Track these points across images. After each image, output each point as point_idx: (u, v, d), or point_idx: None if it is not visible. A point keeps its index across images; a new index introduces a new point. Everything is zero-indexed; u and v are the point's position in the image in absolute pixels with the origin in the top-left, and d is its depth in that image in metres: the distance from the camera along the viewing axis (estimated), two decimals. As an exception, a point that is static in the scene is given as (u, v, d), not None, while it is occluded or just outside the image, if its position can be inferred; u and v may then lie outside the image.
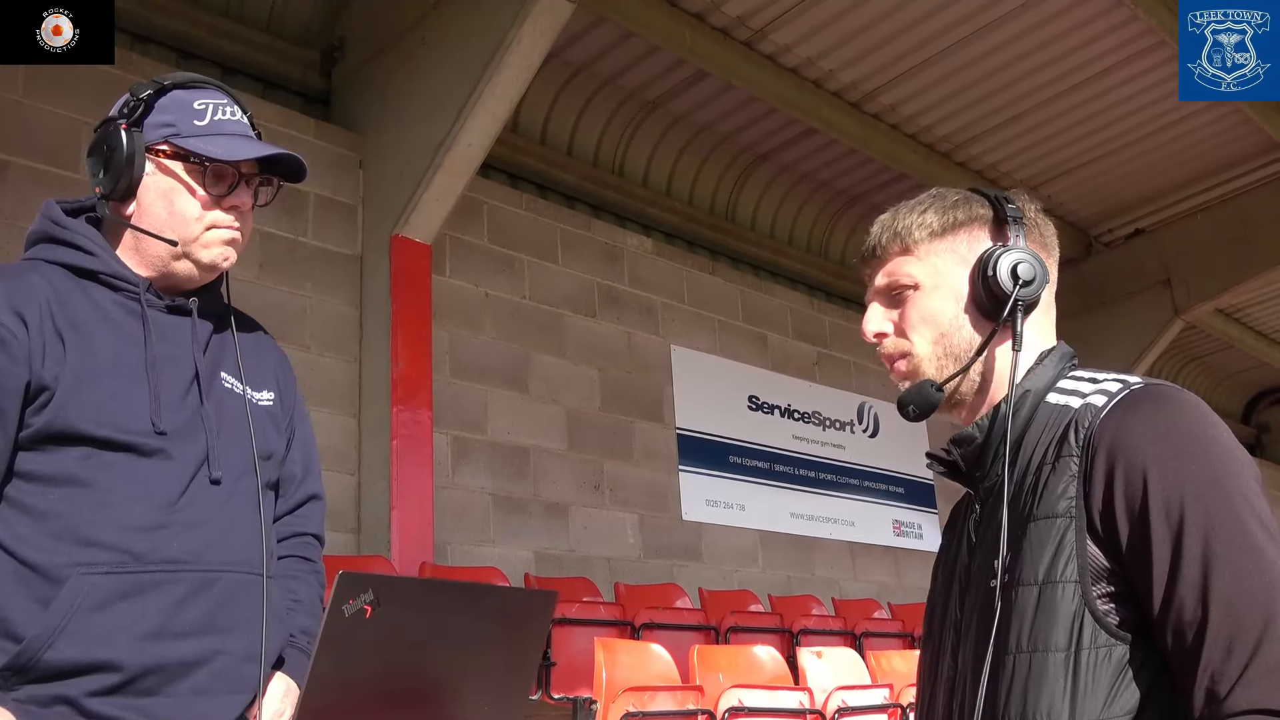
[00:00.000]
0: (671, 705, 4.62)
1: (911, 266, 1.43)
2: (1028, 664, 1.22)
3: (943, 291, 1.41)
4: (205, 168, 1.68)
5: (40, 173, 5.49)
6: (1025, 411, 1.36)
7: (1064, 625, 1.20)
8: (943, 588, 1.45)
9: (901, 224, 1.44)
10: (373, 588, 1.42)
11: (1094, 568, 1.21)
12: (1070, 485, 1.24)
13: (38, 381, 1.56)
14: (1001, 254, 1.37)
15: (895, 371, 1.45)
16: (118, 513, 1.56)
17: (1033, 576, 1.24)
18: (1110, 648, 1.19)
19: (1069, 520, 1.23)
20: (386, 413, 6.33)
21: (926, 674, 1.45)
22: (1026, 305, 1.36)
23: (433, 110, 6.38)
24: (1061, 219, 11.05)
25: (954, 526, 1.50)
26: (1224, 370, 15.20)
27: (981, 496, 1.41)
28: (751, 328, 9.43)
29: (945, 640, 1.40)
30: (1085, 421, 1.26)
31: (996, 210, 1.42)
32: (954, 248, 1.42)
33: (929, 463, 1.47)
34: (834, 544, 9.41)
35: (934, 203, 1.45)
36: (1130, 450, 1.21)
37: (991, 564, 1.30)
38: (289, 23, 7.24)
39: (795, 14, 7.77)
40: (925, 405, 1.40)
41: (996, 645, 1.25)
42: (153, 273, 1.71)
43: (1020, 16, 7.86)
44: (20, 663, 1.49)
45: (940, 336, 1.40)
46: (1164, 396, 1.25)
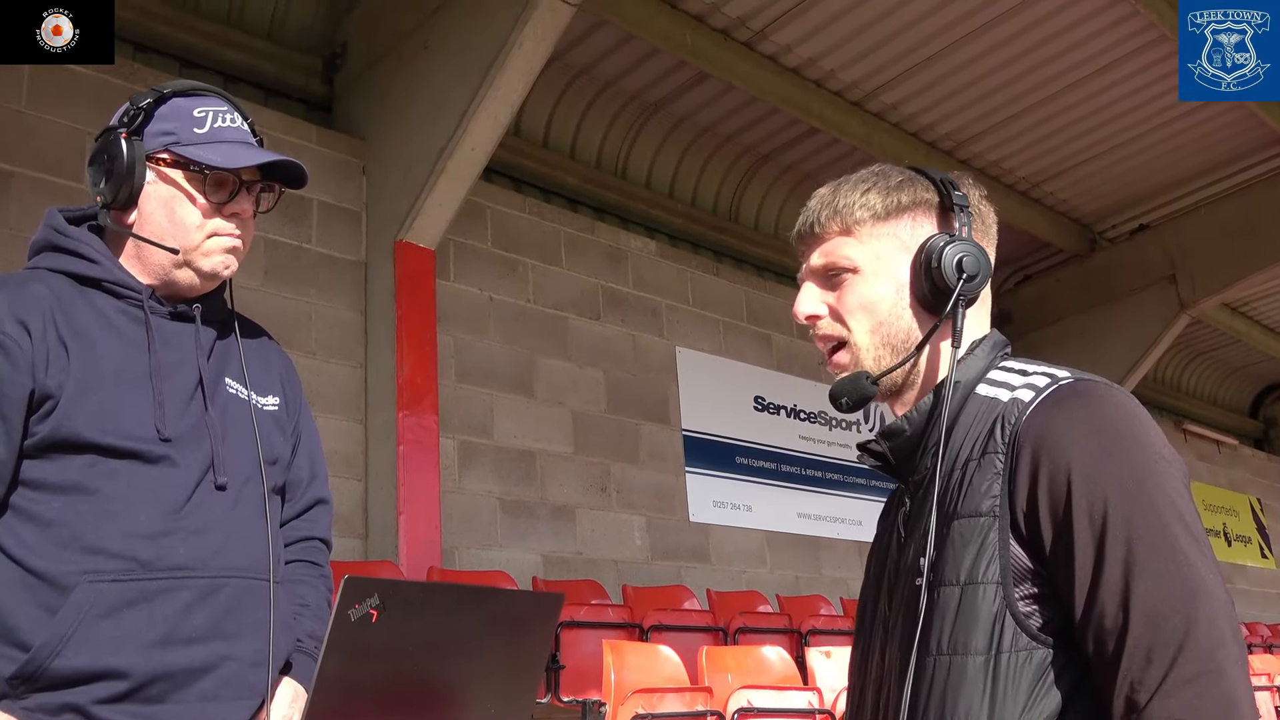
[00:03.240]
0: (680, 707, 4.61)
1: (851, 249, 1.36)
2: (947, 666, 1.19)
3: (882, 278, 1.35)
4: (205, 175, 1.68)
5: (43, 183, 5.50)
6: (955, 403, 1.31)
7: (984, 627, 1.18)
8: (874, 582, 1.42)
9: (843, 202, 1.38)
10: (378, 592, 1.42)
11: (1017, 569, 1.18)
12: (995, 483, 1.21)
13: (42, 390, 1.56)
14: (947, 245, 1.31)
15: (834, 364, 1.39)
16: (123, 520, 1.56)
17: (955, 576, 1.21)
18: (1031, 651, 1.16)
19: (992, 519, 1.20)
20: (392, 418, 6.34)
21: (857, 671, 1.42)
22: (968, 299, 1.32)
23: (435, 115, 6.38)
24: (1065, 215, 11.04)
25: (886, 518, 1.46)
26: (1231, 365, 15.17)
27: (910, 490, 1.37)
28: (756, 328, 9.43)
29: (875, 637, 1.37)
30: (1011, 417, 1.23)
31: (941, 195, 1.37)
32: (896, 232, 1.36)
33: (859, 455, 1.43)
34: (842, 543, 9.39)
35: (877, 182, 1.39)
36: (1055, 448, 1.17)
37: (918, 562, 1.27)
38: (290, 30, 7.25)
39: (795, 14, 7.77)
40: (859, 398, 1.35)
41: (919, 647, 1.22)
42: (155, 280, 1.71)
43: (1020, 13, 7.86)
44: (28, 671, 1.49)
45: (878, 325, 1.35)
46: (1090, 393, 1.22)
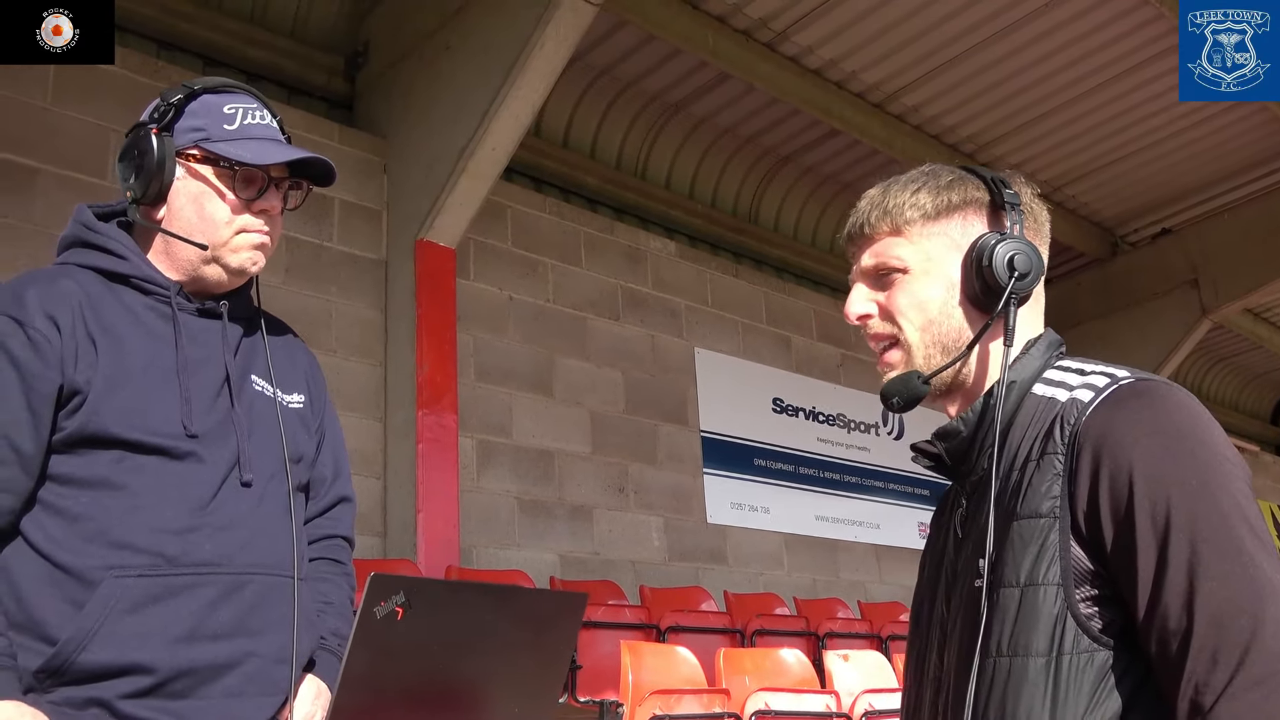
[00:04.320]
0: (698, 708, 4.61)
1: (901, 249, 1.36)
2: (1008, 668, 1.19)
3: (933, 277, 1.35)
4: (235, 172, 1.69)
5: (68, 179, 5.53)
6: (1011, 403, 1.31)
7: (1045, 629, 1.17)
8: (929, 583, 1.42)
9: (893, 202, 1.37)
10: (404, 590, 1.42)
11: (1078, 570, 1.17)
12: (1055, 484, 1.20)
13: (70, 385, 1.57)
14: (998, 244, 1.31)
15: (885, 362, 1.39)
16: (150, 515, 1.57)
17: (1015, 578, 1.20)
18: (1092, 653, 1.15)
19: (1053, 521, 1.19)
20: (412, 416, 6.36)
21: (913, 671, 1.41)
22: (1020, 298, 1.31)
23: (456, 114, 6.40)
24: (1087, 219, 10.98)
25: (940, 518, 1.46)
26: (1252, 370, 15.05)
27: (967, 490, 1.36)
28: (775, 330, 9.41)
29: (932, 638, 1.36)
30: (1071, 418, 1.21)
31: (993, 194, 1.36)
32: (947, 231, 1.35)
33: (914, 456, 1.42)
34: (859, 546, 9.37)
35: (927, 181, 1.38)
36: (1116, 449, 1.16)
37: (976, 563, 1.26)
38: (313, 29, 7.28)
39: (817, 16, 7.76)
40: (910, 398, 1.35)
41: (980, 648, 1.21)
42: (183, 276, 1.71)
43: (1044, 16, 7.82)
44: (55, 665, 1.50)
45: (929, 324, 1.34)
46: (1152, 393, 1.21)
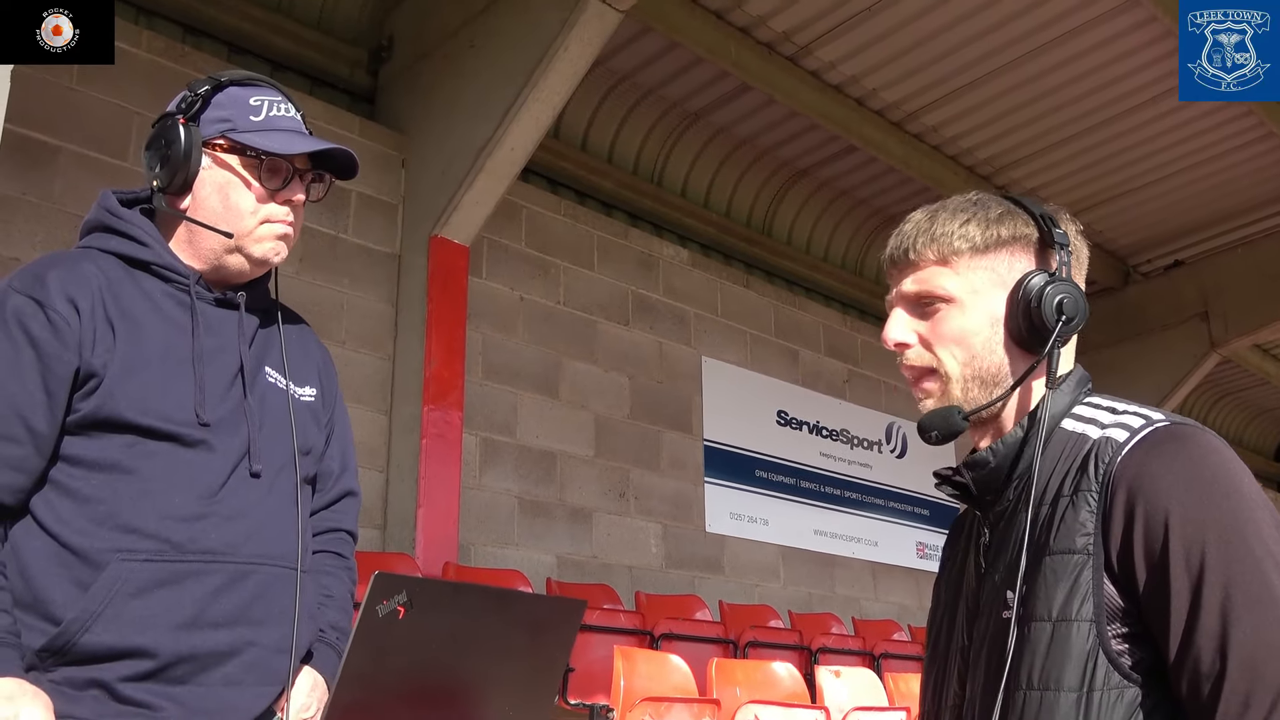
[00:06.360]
0: (688, 717, 4.60)
1: (947, 280, 1.35)
2: (1038, 702, 1.20)
3: (977, 311, 1.34)
4: (261, 162, 1.71)
5: (89, 159, 5.56)
6: (1042, 437, 1.31)
7: (1077, 664, 1.18)
8: (948, 609, 1.43)
9: (940, 230, 1.36)
10: (407, 589, 1.44)
11: (1110, 607, 1.19)
12: (1089, 521, 1.21)
13: (87, 368, 1.59)
14: (1048, 285, 1.30)
15: (921, 389, 1.38)
16: (159, 501, 1.58)
17: (1046, 612, 1.21)
18: (1123, 689, 1.17)
19: (1086, 558, 1.20)
20: (417, 411, 6.37)
21: (931, 696, 1.42)
22: (1063, 340, 1.31)
23: (477, 113, 6.41)
24: (1100, 247, 10.96)
25: (956, 544, 1.47)
26: (1258, 407, 15.03)
27: (991, 521, 1.37)
28: (783, 342, 9.41)
29: (951, 664, 1.37)
30: (1105, 457, 1.23)
31: (1042, 232, 1.35)
32: (994, 266, 1.35)
33: (938, 483, 1.42)
34: (856, 563, 9.37)
35: (977, 213, 1.37)
36: (1152, 492, 1.18)
37: (1004, 595, 1.27)
38: (339, 21, 7.31)
39: (841, 32, 7.77)
40: (949, 432, 1.35)
41: (1008, 680, 1.23)
42: (204, 265, 1.73)
43: (1067, 43, 7.83)
44: (58, 645, 1.52)
45: (971, 359, 1.34)
46: (1188, 438, 1.22)
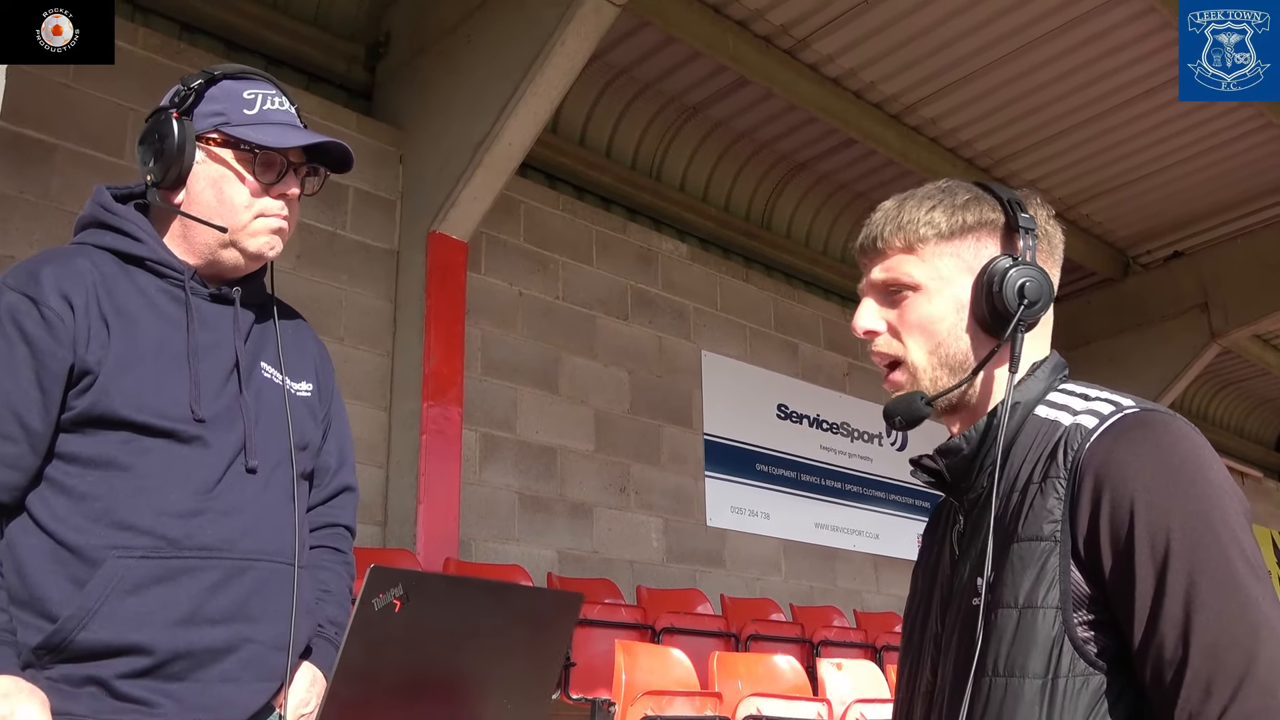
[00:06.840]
0: (690, 710, 4.61)
1: (913, 267, 1.36)
2: (1004, 688, 1.20)
3: (943, 298, 1.35)
4: (255, 155, 1.70)
5: (86, 157, 5.55)
6: (1014, 423, 1.32)
7: (1042, 651, 1.18)
8: (923, 596, 1.43)
9: (907, 218, 1.37)
10: (402, 583, 1.43)
11: (1076, 594, 1.19)
12: (1056, 508, 1.21)
13: (81, 365, 1.58)
14: (1010, 269, 1.31)
15: (890, 382, 1.39)
16: (155, 498, 1.58)
17: (1013, 599, 1.22)
18: (1088, 676, 1.17)
19: (1053, 544, 1.20)
20: (417, 407, 6.36)
21: (905, 683, 1.42)
22: (1027, 325, 1.31)
23: (474, 108, 6.40)
24: (1099, 239, 10.96)
25: (934, 532, 1.47)
26: (1259, 397, 15.02)
27: (965, 508, 1.38)
28: (783, 336, 9.41)
29: (925, 652, 1.38)
30: (1074, 443, 1.23)
31: (1008, 217, 1.36)
32: (959, 252, 1.35)
33: (913, 470, 1.43)
34: (857, 556, 9.37)
35: (943, 199, 1.38)
36: (1119, 479, 1.18)
37: (974, 582, 1.28)
38: (335, 17, 7.30)
39: (839, 25, 7.76)
40: (912, 417, 1.36)
41: (976, 667, 1.23)
42: (199, 260, 1.72)
43: (1065, 34, 7.82)
44: (54, 642, 1.51)
45: (937, 346, 1.35)
46: (1155, 423, 1.22)
